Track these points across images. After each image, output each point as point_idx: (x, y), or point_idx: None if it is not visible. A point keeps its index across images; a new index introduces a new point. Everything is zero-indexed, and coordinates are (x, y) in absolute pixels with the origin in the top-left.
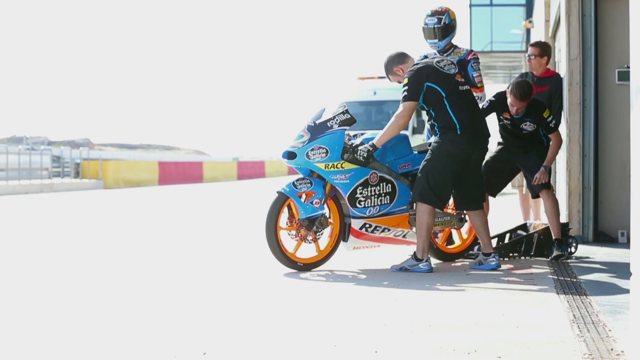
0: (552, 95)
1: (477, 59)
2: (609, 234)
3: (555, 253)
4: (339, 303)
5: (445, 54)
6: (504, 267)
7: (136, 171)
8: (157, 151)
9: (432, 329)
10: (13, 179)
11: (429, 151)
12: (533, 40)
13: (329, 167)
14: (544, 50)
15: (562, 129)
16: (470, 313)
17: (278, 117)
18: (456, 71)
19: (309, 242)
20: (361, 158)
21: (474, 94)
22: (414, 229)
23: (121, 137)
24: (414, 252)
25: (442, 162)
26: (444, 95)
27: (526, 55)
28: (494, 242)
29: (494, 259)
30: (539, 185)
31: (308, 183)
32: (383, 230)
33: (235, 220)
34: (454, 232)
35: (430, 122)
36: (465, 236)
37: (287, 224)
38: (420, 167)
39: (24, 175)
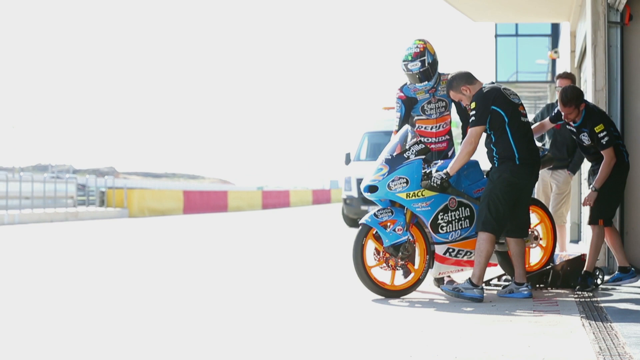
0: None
1: None
2: (634, 265)
3: (580, 284)
4: (364, 333)
5: (432, 86)
6: (530, 298)
7: (161, 200)
8: (182, 180)
9: None
10: (38, 207)
11: (489, 180)
12: (559, 70)
13: (411, 196)
14: (574, 81)
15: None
16: (496, 344)
17: (303, 146)
18: (519, 102)
19: (388, 269)
20: (435, 185)
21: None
22: (493, 251)
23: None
24: (470, 278)
25: (503, 192)
26: (506, 120)
27: (556, 86)
28: None
29: (527, 288)
30: (595, 214)
31: (389, 212)
32: (465, 254)
33: (263, 249)
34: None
35: (489, 146)
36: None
37: (375, 260)
38: (482, 196)
39: (49, 203)
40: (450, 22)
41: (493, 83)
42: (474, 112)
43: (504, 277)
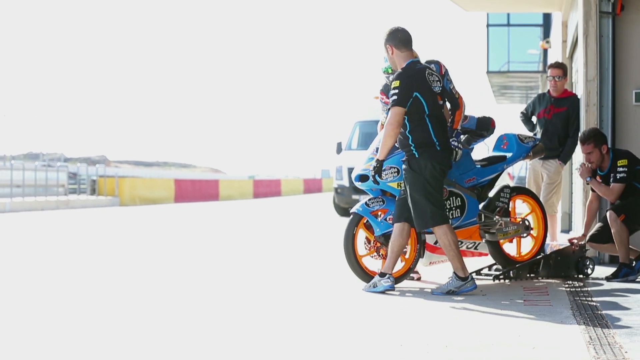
0: (569, 116)
1: (447, 70)
2: None
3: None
4: (355, 321)
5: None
6: (521, 287)
7: (152, 189)
8: (173, 169)
9: (448, 349)
10: (29, 196)
11: (412, 172)
12: (550, 60)
13: (401, 185)
14: (566, 71)
15: (579, 149)
16: (487, 333)
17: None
18: (439, 91)
19: (379, 257)
20: (371, 175)
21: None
22: (484, 240)
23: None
24: (455, 273)
25: (435, 180)
26: (427, 112)
27: (547, 76)
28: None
29: (388, 280)
30: (622, 208)
31: (380, 201)
32: None
33: (254, 239)
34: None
35: (404, 134)
36: (526, 250)
37: (365, 249)
38: (412, 191)
39: (40, 191)
40: (442, 11)
41: (426, 62)
42: (396, 90)
43: (494, 267)
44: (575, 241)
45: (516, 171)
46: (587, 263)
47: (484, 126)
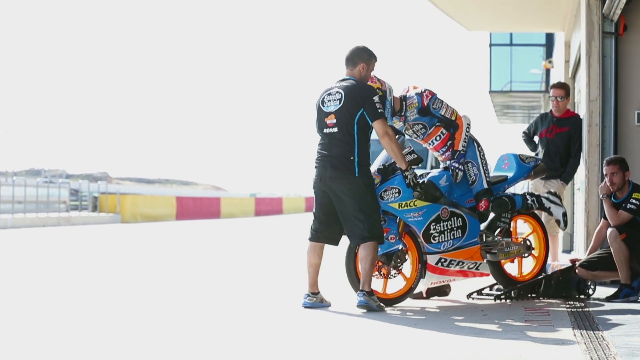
0: (571, 136)
1: (433, 96)
2: None
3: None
4: (356, 340)
5: (401, 114)
6: (522, 307)
7: (154, 206)
8: (175, 186)
9: None
10: (31, 212)
11: (354, 190)
12: (553, 80)
13: (403, 206)
14: (568, 91)
15: (581, 169)
16: (488, 353)
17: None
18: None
19: (394, 277)
20: (411, 184)
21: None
22: (485, 260)
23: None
24: (369, 289)
25: (375, 198)
26: (372, 129)
27: (550, 96)
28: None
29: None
30: (624, 228)
31: (382, 221)
32: (458, 264)
33: (254, 257)
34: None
35: (350, 151)
36: (528, 270)
37: None
38: (361, 207)
39: (42, 208)
40: (445, 31)
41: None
42: (379, 103)
43: (495, 287)
44: (577, 262)
45: (518, 191)
46: (589, 283)
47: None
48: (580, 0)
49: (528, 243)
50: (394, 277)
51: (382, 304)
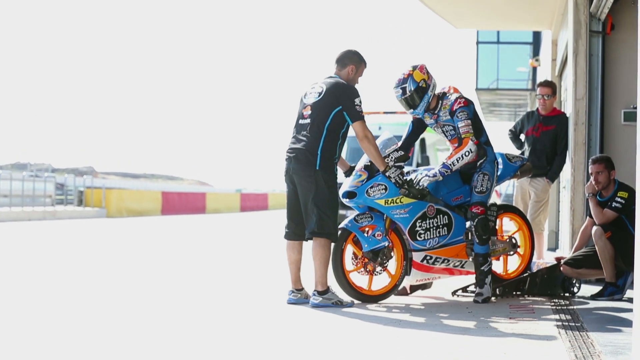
0: (557, 134)
1: (464, 107)
2: None
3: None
4: (340, 337)
5: (435, 112)
6: (507, 305)
7: (139, 200)
8: (161, 181)
9: None
10: (16, 206)
11: (312, 184)
12: (539, 78)
13: (389, 202)
14: (555, 89)
15: (567, 168)
16: (472, 351)
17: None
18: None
19: (380, 274)
20: (398, 182)
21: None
22: (471, 259)
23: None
24: (323, 288)
25: (335, 194)
26: (343, 130)
27: (537, 94)
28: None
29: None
30: (610, 226)
31: (369, 217)
32: (443, 262)
33: (241, 252)
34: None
35: (316, 142)
36: (513, 268)
37: (352, 264)
38: (315, 201)
39: (27, 202)
40: (431, 28)
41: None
42: (359, 105)
43: (469, 288)
44: (562, 260)
45: (503, 189)
46: (574, 282)
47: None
48: None
49: (514, 241)
50: (379, 274)
51: (340, 299)
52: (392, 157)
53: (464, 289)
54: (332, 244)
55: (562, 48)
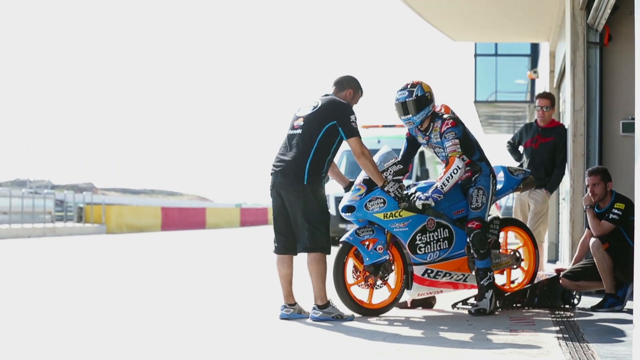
0: (556, 146)
1: (452, 127)
2: None
3: (600, 306)
4: (341, 350)
5: (427, 134)
6: (507, 317)
7: (139, 216)
8: (160, 197)
9: None
10: (16, 223)
11: (301, 198)
12: (538, 90)
13: (388, 216)
14: (554, 101)
15: (566, 179)
16: None
17: None
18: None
19: (380, 287)
20: (397, 196)
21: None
22: (473, 272)
23: (124, 182)
24: (322, 302)
25: (325, 207)
26: (335, 144)
27: (535, 106)
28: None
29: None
30: (607, 237)
31: (370, 231)
32: (445, 275)
33: (239, 267)
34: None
35: (305, 156)
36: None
37: (353, 278)
38: (305, 216)
39: (27, 218)
40: (429, 41)
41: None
42: (355, 122)
43: (470, 300)
44: (562, 272)
45: (503, 201)
46: (574, 293)
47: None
48: (565, 10)
49: (517, 255)
50: (380, 287)
51: (340, 313)
52: (390, 171)
53: (464, 302)
54: (327, 256)
55: (560, 60)
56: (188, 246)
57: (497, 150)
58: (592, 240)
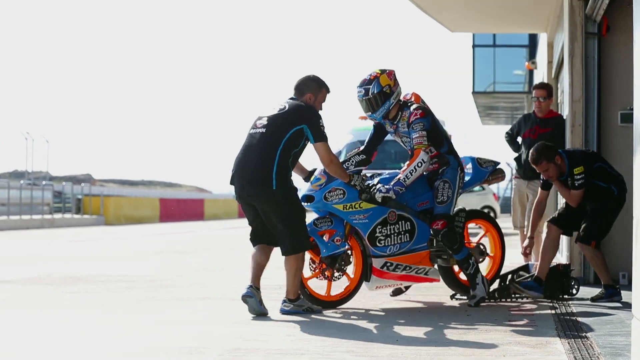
0: (554, 136)
1: (421, 118)
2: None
3: (598, 295)
4: (337, 341)
5: (394, 122)
6: (505, 307)
7: (137, 208)
8: (159, 188)
9: None
10: (14, 214)
11: (276, 203)
12: (536, 81)
13: (347, 207)
14: (551, 92)
15: None
16: (471, 354)
17: None
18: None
19: (339, 279)
20: (359, 188)
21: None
22: (435, 266)
23: (123, 173)
24: (294, 297)
25: (295, 206)
26: (305, 144)
27: (532, 97)
28: (496, 283)
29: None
30: (588, 235)
31: (328, 221)
32: (405, 269)
33: (235, 259)
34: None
35: (273, 161)
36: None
37: (311, 270)
38: (283, 221)
39: (25, 210)
40: (427, 32)
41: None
42: (324, 127)
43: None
44: (528, 250)
45: (501, 192)
46: (572, 283)
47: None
48: (563, 1)
49: (482, 248)
50: (338, 279)
51: (311, 306)
52: (352, 161)
53: (452, 297)
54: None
55: (558, 50)
56: (185, 237)
57: (495, 141)
58: (578, 244)
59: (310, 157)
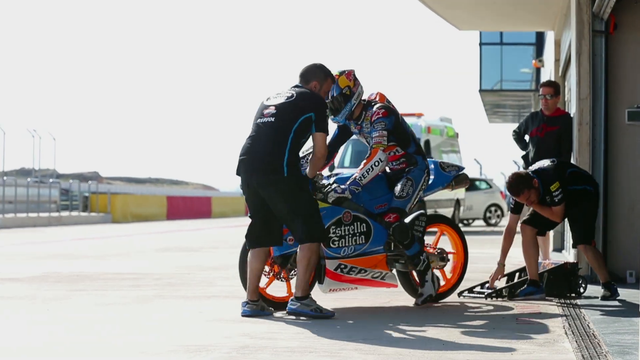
0: (561, 134)
1: (383, 118)
2: (617, 274)
3: (603, 293)
4: (337, 342)
5: (358, 122)
6: (512, 306)
7: (144, 205)
8: (165, 185)
9: None
10: (21, 212)
11: (288, 192)
12: (543, 79)
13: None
14: (558, 89)
15: None
16: (479, 352)
17: None
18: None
19: (281, 280)
20: (329, 201)
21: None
22: (393, 271)
23: (130, 170)
24: (303, 294)
25: (311, 197)
26: (311, 131)
27: (539, 95)
28: (503, 281)
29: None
30: (582, 237)
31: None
32: (359, 272)
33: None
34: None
35: (282, 148)
36: (449, 276)
37: (266, 277)
38: (294, 210)
39: (33, 208)
40: (435, 30)
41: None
42: (327, 118)
43: (486, 285)
44: (497, 278)
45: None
46: (580, 282)
47: None
48: None
49: (443, 254)
50: (281, 280)
51: (320, 307)
52: (307, 159)
53: (470, 290)
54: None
55: (565, 48)
56: (192, 235)
57: (502, 139)
58: (579, 246)
59: None
